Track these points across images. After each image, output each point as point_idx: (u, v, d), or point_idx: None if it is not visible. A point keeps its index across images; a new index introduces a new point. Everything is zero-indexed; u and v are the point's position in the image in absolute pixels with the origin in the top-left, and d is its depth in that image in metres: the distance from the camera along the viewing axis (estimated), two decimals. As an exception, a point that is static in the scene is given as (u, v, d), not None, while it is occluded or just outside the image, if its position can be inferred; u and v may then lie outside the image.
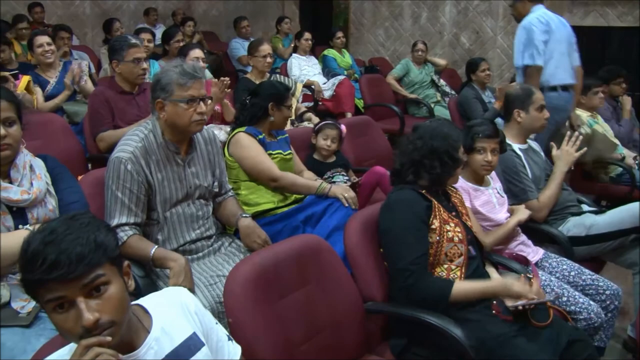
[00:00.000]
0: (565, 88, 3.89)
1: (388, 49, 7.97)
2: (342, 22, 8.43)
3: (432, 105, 5.91)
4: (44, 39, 4.19)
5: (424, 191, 2.15)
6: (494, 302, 2.05)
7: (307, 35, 6.24)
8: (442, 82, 6.28)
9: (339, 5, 8.61)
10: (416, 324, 1.99)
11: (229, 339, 1.52)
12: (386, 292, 2.18)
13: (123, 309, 1.20)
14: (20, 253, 1.16)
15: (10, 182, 1.95)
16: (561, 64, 3.83)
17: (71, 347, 1.24)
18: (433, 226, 2.08)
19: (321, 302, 2.00)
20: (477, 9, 7.11)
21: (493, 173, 2.74)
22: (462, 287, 2.03)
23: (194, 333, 1.39)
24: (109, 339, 1.14)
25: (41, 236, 1.15)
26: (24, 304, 1.87)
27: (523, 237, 2.74)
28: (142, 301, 1.39)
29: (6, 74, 3.57)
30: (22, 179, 1.96)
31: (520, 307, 2.01)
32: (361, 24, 8.16)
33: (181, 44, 5.02)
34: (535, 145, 3.18)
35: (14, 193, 1.92)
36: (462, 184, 2.55)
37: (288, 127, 3.44)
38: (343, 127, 3.38)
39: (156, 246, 2.18)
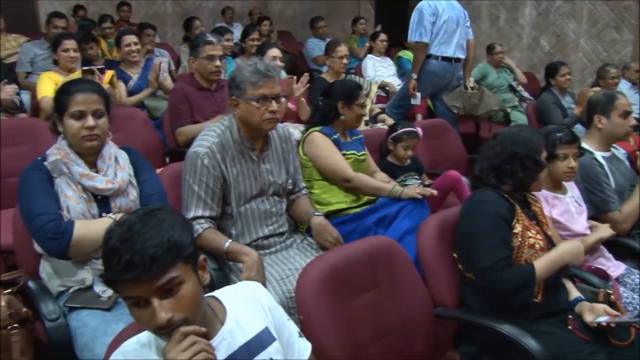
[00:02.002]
0: (445, 59, 4.71)
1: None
2: (418, 23, 8.31)
3: (509, 110, 5.74)
4: (131, 39, 4.39)
5: (506, 195, 2.10)
6: (570, 316, 1.98)
7: (383, 36, 6.22)
8: (520, 87, 6.10)
9: (414, 6, 8.49)
10: (488, 332, 1.94)
11: (300, 336, 1.53)
12: (458, 298, 2.14)
13: (197, 306, 1.23)
14: (102, 245, 1.20)
15: (97, 172, 2.05)
16: (445, 40, 4.68)
17: (143, 339, 1.30)
18: (515, 230, 2.03)
19: (391, 304, 1.99)
20: (559, 10, 6.86)
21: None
22: (540, 263, 1.99)
23: (266, 328, 1.41)
24: (204, 329, 1.19)
25: (119, 231, 1.18)
26: (105, 289, 1.96)
27: (603, 251, 2.62)
28: (217, 293, 1.42)
29: (93, 68, 3.73)
30: (107, 169, 2.06)
31: (604, 324, 1.92)
32: (438, 25, 8.03)
33: (256, 42, 5.10)
34: (620, 153, 3.04)
35: (100, 182, 2.02)
36: (541, 192, 2.46)
37: (362, 127, 3.43)
38: (420, 132, 3.34)
39: (230, 240, 2.22)
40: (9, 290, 1.94)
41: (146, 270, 1.14)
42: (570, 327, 1.95)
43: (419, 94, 4.72)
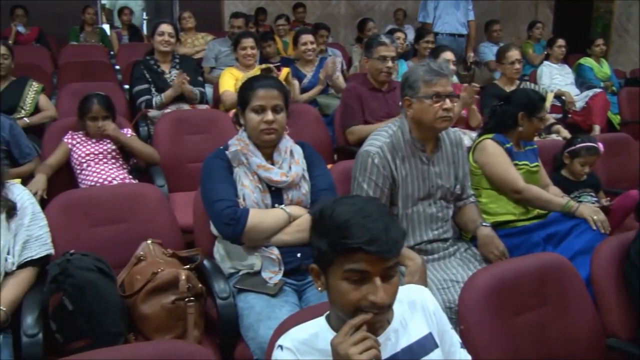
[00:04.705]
0: (450, 35, 5.71)
1: (656, 60, 7.15)
2: (601, 27, 7.73)
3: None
4: (308, 38, 4.58)
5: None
6: None
7: (561, 41, 5.84)
8: None
9: (599, 9, 7.91)
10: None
11: (462, 347, 1.49)
12: (633, 330, 1.96)
13: (396, 296, 1.28)
14: (321, 220, 1.25)
15: (273, 164, 2.16)
16: (447, 20, 5.72)
17: (310, 328, 1.33)
18: None
19: (557, 327, 1.87)
20: None
21: None
22: None
23: (430, 333, 1.39)
24: (379, 318, 1.23)
25: (352, 209, 1.23)
26: (272, 276, 2.05)
27: None
28: None
29: (270, 65, 3.94)
30: (282, 162, 2.17)
31: None
32: (626, 30, 7.39)
33: (430, 45, 5.08)
34: None
35: (275, 174, 2.12)
36: None
37: (535, 138, 3.26)
38: (601, 148, 3.10)
39: None
40: (188, 267, 2.11)
41: (388, 249, 1.19)
42: None
43: None
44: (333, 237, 1.21)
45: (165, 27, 4.08)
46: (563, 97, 5.39)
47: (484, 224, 2.39)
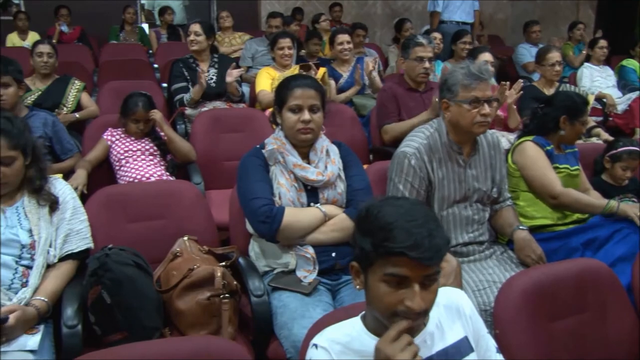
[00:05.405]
0: (456, 23, 6.12)
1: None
2: (645, 28, 7.55)
3: None
4: (345, 38, 4.58)
5: None
6: None
7: (603, 42, 5.72)
8: None
9: (643, 10, 7.72)
10: None
11: (497, 351, 1.47)
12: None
13: (434, 303, 1.26)
14: (367, 218, 1.25)
15: (309, 163, 2.16)
16: (455, 8, 6.18)
17: (345, 328, 1.33)
18: None
19: (596, 335, 1.82)
20: None
21: None
22: None
23: (465, 337, 1.38)
24: (415, 323, 1.22)
25: (399, 212, 1.22)
26: (307, 274, 2.06)
27: None
28: None
29: (310, 63, 3.95)
30: (318, 162, 2.17)
31: None
32: (672, 31, 7.21)
33: (468, 46, 5.03)
34: None
35: (311, 173, 2.13)
36: None
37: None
38: None
39: None
40: (224, 264, 2.13)
41: (430, 256, 1.18)
42: None
43: None
44: (376, 238, 1.21)
45: (193, 27, 4.14)
46: (604, 100, 5.28)
47: (520, 227, 2.36)
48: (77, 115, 3.82)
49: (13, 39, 6.45)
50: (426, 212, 1.25)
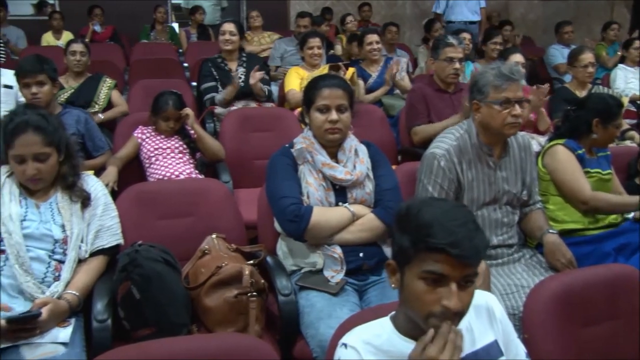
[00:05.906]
0: (462, 22, 6.12)
1: None
2: (684, 29, 7.35)
3: None
4: (374, 38, 4.57)
5: None
6: None
7: (638, 43, 5.60)
8: None
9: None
10: None
11: (527, 356, 1.45)
12: None
13: (469, 306, 1.25)
14: (406, 216, 1.24)
15: (337, 163, 2.16)
16: (458, 8, 6.18)
17: (374, 328, 1.32)
18: None
19: (628, 342, 1.78)
20: None
21: None
22: None
23: (495, 341, 1.37)
24: (461, 333, 1.21)
25: (439, 211, 1.22)
26: (334, 274, 2.06)
27: None
28: None
29: (339, 64, 3.96)
30: (347, 161, 2.17)
31: None
32: None
33: (499, 47, 4.97)
34: None
35: (339, 172, 2.13)
36: None
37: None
38: None
39: None
40: (252, 262, 2.15)
41: (470, 255, 1.18)
42: None
43: None
44: (416, 235, 1.20)
45: (227, 26, 4.17)
46: (638, 102, 5.17)
47: (550, 230, 2.33)
48: (102, 117, 3.85)
49: (48, 39, 6.59)
50: (467, 214, 1.25)
